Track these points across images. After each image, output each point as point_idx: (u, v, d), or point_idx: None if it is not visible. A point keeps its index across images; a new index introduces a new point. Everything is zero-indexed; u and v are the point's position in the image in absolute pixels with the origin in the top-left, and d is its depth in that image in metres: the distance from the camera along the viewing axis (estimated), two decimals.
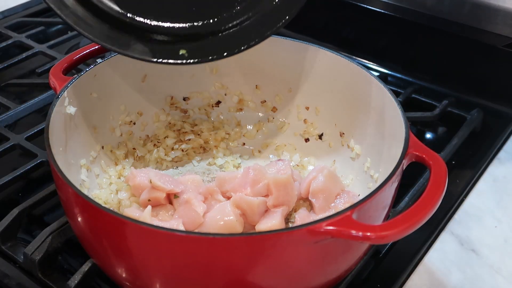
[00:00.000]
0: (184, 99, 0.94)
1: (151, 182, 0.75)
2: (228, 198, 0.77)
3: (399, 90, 1.09)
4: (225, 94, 0.96)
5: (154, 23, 0.77)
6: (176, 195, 0.76)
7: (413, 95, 1.10)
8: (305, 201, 0.82)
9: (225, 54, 0.76)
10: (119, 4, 0.76)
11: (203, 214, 0.74)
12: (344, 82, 0.86)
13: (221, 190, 0.79)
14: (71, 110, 0.77)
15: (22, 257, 0.76)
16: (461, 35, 1.12)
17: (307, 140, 0.93)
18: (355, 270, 0.75)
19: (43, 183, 0.88)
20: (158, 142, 0.92)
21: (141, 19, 0.76)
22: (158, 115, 0.93)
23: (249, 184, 0.77)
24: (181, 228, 0.74)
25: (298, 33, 1.25)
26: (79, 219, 0.65)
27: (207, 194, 0.77)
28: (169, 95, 0.93)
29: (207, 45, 0.77)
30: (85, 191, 0.78)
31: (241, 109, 0.96)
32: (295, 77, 0.91)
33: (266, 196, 0.77)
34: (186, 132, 0.94)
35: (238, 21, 0.77)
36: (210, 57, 0.76)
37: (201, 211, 0.73)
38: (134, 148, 0.89)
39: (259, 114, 0.96)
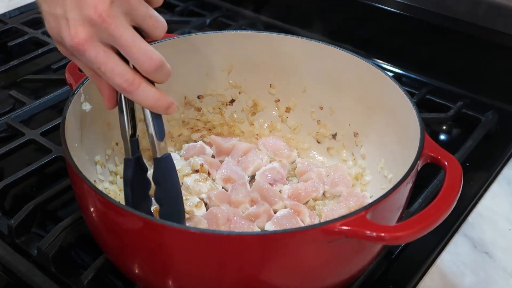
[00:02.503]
0: (198, 97, 0.95)
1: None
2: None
3: (413, 90, 1.09)
4: (239, 93, 0.96)
5: None
6: None
7: (428, 96, 1.10)
8: (333, 198, 0.84)
9: None
10: None
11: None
12: (359, 82, 0.86)
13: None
14: (87, 107, 0.77)
15: (35, 251, 0.77)
16: (477, 36, 1.12)
17: (319, 142, 0.93)
18: (367, 270, 0.75)
19: (57, 178, 0.89)
20: (171, 140, 0.92)
21: None
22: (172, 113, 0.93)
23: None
24: (204, 224, 0.74)
25: (313, 32, 1.25)
26: (94, 215, 0.66)
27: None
28: (183, 95, 0.93)
29: None
30: (99, 187, 0.78)
31: (254, 113, 0.96)
32: (310, 76, 0.91)
33: None
34: (198, 129, 0.94)
35: None
36: None
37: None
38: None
39: (273, 113, 0.96)
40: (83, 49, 0.59)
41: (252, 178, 0.88)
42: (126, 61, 0.62)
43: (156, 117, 0.66)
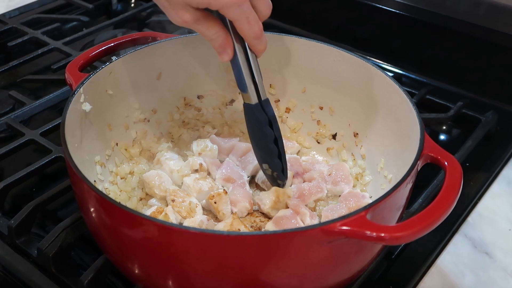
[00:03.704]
0: (198, 97, 0.95)
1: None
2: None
3: (413, 91, 1.09)
4: (239, 93, 0.96)
5: None
6: None
7: (428, 96, 1.10)
8: (333, 198, 0.84)
9: None
10: None
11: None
12: (359, 82, 0.86)
13: None
14: (87, 107, 0.77)
15: (35, 252, 0.77)
16: (477, 36, 1.12)
17: (319, 142, 0.93)
18: (367, 271, 0.75)
19: (57, 178, 0.89)
20: (172, 141, 0.92)
21: None
22: (172, 114, 0.93)
23: None
24: (206, 223, 0.74)
25: (312, 32, 1.25)
26: (94, 215, 0.66)
27: None
28: (183, 95, 0.93)
29: None
30: (99, 187, 0.78)
31: None
32: (310, 76, 0.91)
33: None
34: (198, 129, 0.94)
35: None
36: None
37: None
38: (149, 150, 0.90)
39: None
40: (242, 1, 0.67)
41: (252, 178, 0.88)
42: None
43: (257, 61, 0.76)
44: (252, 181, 0.87)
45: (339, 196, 0.84)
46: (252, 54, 0.74)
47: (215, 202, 0.78)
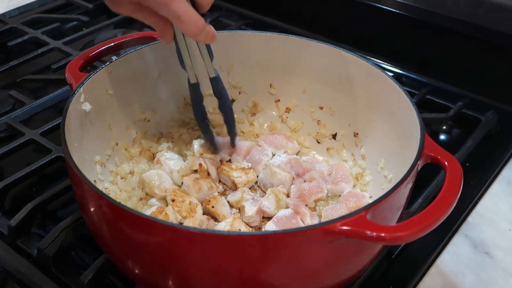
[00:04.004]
0: None
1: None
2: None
3: (413, 90, 1.09)
4: (239, 93, 0.96)
5: None
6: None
7: (428, 96, 1.10)
8: (334, 198, 0.84)
9: None
10: None
11: None
12: (359, 82, 0.86)
13: None
14: (87, 107, 0.77)
15: (35, 251, 0.77)
16: (477, 36, 1.12)
17: (319, 142, 0.93)
18: (367, 270, 0.75)
19: (57, 178, 0.89)
20: (172, 141, 0.92)
21: None
22: (172, 114, 0.93)
23: None
24: (206, 223, 0.74)
25: (313, 32, 1.25)
26: (94, 215, 0.66)
27: None
28: (183, 95, 0.93)
29: None
30: (99, 187, 0.78)
31: (254, 113, 0.96)
32: (310, 76, 0.91)
33: None
34: (198, 129, 0.94)
35: None
36: None
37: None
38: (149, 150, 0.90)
39: (273, 113, 0.96)
40: (169, 1, 0.67)
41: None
42: None
43: (208, 45, 0.81)
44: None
45: (339, 196, 0.84)
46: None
47: (212, 207, 0.78)
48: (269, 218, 0.80)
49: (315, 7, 1.32)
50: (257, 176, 0.87)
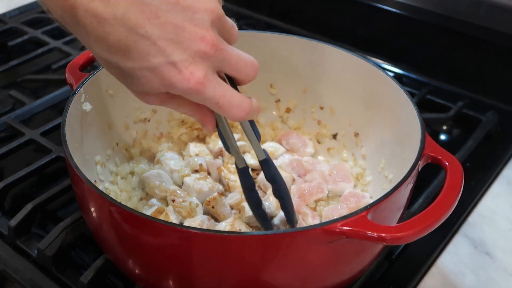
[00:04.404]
0: None
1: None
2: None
3: (414, 91, 1.09)
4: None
5: None
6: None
7: (428, 96, 1.10)
8: (334, 198, 0.84)
9: None
10: None
11: None
12: (359, 82, 0.85)
13: None
14: (87, 107, 0.77)
15: (35, 251, 0.77)
16: (477, 36, 1.12)
17: (319, 142, 0.93)
18: (368, 271, 0.75)
19: (57, 178, 0.89)
20: (172, 141, 0.92)
21: None
22: (172, 113, 0.93)
23: None
24: (206, 223, 0.74)
25: (313, 32, 1.25)
26: (94, 215, 0.66)
27: None
28: None
29: None
30: (100, 187, 0.78)
31: None
32: (310, 76, 0.91)
33: None
34: (197, 128, 0.94)
35: None
36: None
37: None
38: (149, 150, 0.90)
39: (273, 113, 0.96)
40: (202, 87, 0.55)
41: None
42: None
43: (252, 122, 0.68)
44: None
45: (340, 196, 0.84)
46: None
47: (212, 207, 0.78)
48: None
49: (315, 7, 1.32)
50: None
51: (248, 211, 0.77)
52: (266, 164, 0.71)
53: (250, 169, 0.71)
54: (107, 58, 0.56)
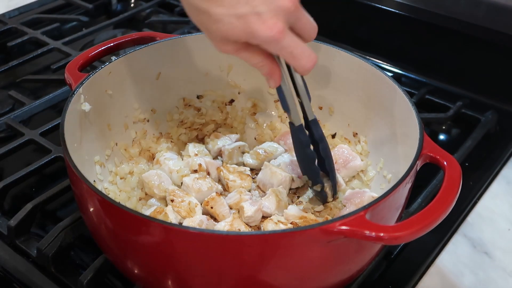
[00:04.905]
0: (198, 97, 0.95)
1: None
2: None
3: (412, 91, 1.09)
4: (238, 93, 0.96)
5: None
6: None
7: (427, 96, 1.10)
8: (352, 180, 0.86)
9: None
10: None
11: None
12: (358, 82, 0.86)
13: None
14: (87, 107, 0.77)
15: (35, 251, 0.77)
16: (476, 36, 1.12)
17: None
18: (366, 270, 0.75)
19: (57, 178, 0.89)
20: (171, 141, 0.92)
21: None
22: (171, 113, 0.93)
23: None
24: (205, 223, 0.74)
25: None
26: (93, 215, 0.66)
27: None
28: (182, 96, 0.93)
29: None
30: (99, 187, 0.78)
31: (254, 113, 0.96)
32: (309, 76, 0.91)
33: None
34: (196, 128, 0.94)
35: None
36: None
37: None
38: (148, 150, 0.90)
39: (272, 113, 0.96)
40: (281, 37, 0.62)
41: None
42: None
43: (304, 81, 0.74)
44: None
45: (354, 177, 0.85)
46: (297, 74, 0.73)
47: (211, 207, 0.79)
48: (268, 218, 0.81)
49: (315, 7, 1.31)
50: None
51: (248, 211, 0.77)
52: (315, 125, 0.77)
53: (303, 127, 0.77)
54: (198, 5, 0.63)
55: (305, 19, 0.65)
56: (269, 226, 0.76)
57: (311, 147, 0.78)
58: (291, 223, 0.76)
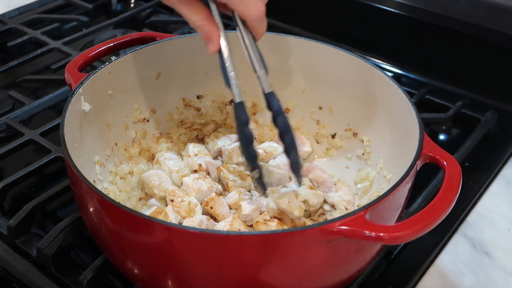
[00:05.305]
0: (198, 97, 0.95)
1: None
2: None
3: (412, 91, 1.09)
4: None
5: None
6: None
7: (427, 96, 1.10)
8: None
9: None
10: None
11: None
12: (358, 82, 0.86)
13: None
14: (86, 107, 0.77)
15: (35, 251, 0.77)
16: (476, 36, 1.12)
17: (318, 142, 0.93)
18: (366, 270, 0.75)
19: (57, 178, 0.89)
20: (171, 141, 0.92)
21: None
22: (171, 114, 0.93)
23: None
24: (205, 223, 0.74)
25: (312, 32, 1.25)
26: (93, 215, 0.66)
27: None
28: (182, 96, 0.93)
29: None
30: (99, 187, 0.78)
31: (254, 113, 0.96)
32: (309, 76, 0.91)
33: None
34: (196, 128, 0.94)
35: None
36: None
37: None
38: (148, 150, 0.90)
39: None
40: None
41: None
42: None
43: (260, 53, 0.72)
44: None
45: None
46: (250, 40, 0.71)
47: (211, 208, 0.78)
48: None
49: (315, 7, 1.32)
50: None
51: (245, 209, 0.77)
52: (273, 98, 0.73)
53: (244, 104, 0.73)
54: None
55: None
56: (261, 227, 0.76)
57: (250, 125, 0.74)
58: (276, 217, 0.76)
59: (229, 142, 0.91)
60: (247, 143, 0.74)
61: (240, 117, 0.73)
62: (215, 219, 0.79)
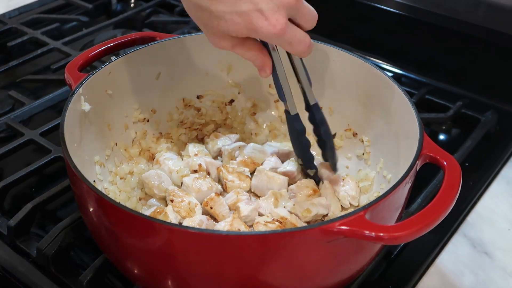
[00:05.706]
0: (198, 97, 0.95)
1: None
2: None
3: (412, 91, 1.09)
4: (238, 93, 0.96)
5: None
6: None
7: (427, 96, 1.10)
8: None
9: None
10: None
11: None
12: (358, 82, 0.86)
13: None
14: (86, 107, 0.77)
15: (35, 251, 0.77)
16: (476, 36, 1.12)
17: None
18: (366, 270, 0.75)
19: (57, 178, 0.89)
20: (171, 141, 0.92)
21: None
22: (171, 114, 0.93)
23: None
24: (205, 223, 0.74)
25: (312, 32, 1.25)
26: (93, 215, 0.66)
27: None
28: (182, 96, 0.93)
29: None
30: (99, 187, 0.78)
31: (254, 113, 0.96)
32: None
33: None
34: (196, 128, 0.94)
35: None
36: None
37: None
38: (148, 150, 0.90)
39: (272, 113, 0.96)
40: (283, 33, 0.64)
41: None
42: None
43: (304, 66, 0.76)
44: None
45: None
46: (297, 60, 0.75)
47: (211, 208, 0.78)
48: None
49: (315, 7, 1.31)
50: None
51: (244, 210, 0.77)
52: (317, 109, 0.79)
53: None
54: (198, 1, 0.64)
55: (305, 10, 0.66)
56: (260, 227, 0.76)
57: (308, 131, 0.81)
58: (277, 221, 0.76)
59: (229, 142, 0.90)
60: (305, 151, 0.82)
61: (297, 128, 0.80)
62: (215, 219, 0.79)
